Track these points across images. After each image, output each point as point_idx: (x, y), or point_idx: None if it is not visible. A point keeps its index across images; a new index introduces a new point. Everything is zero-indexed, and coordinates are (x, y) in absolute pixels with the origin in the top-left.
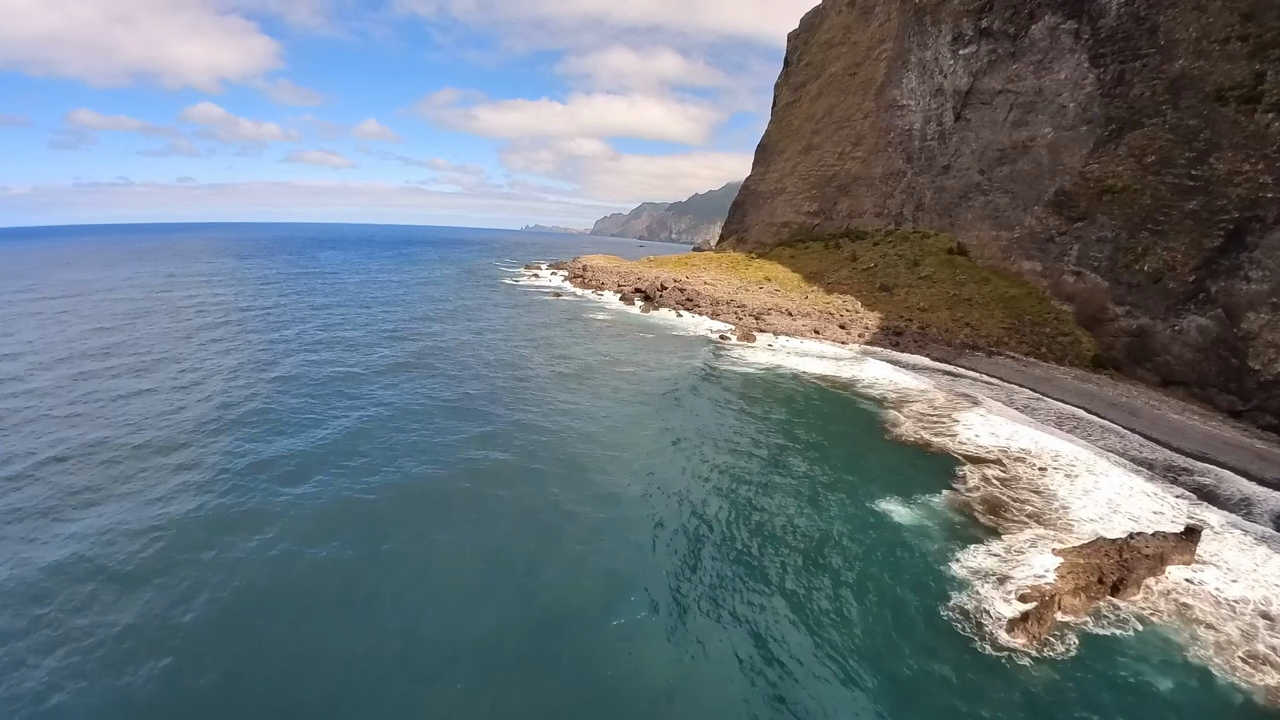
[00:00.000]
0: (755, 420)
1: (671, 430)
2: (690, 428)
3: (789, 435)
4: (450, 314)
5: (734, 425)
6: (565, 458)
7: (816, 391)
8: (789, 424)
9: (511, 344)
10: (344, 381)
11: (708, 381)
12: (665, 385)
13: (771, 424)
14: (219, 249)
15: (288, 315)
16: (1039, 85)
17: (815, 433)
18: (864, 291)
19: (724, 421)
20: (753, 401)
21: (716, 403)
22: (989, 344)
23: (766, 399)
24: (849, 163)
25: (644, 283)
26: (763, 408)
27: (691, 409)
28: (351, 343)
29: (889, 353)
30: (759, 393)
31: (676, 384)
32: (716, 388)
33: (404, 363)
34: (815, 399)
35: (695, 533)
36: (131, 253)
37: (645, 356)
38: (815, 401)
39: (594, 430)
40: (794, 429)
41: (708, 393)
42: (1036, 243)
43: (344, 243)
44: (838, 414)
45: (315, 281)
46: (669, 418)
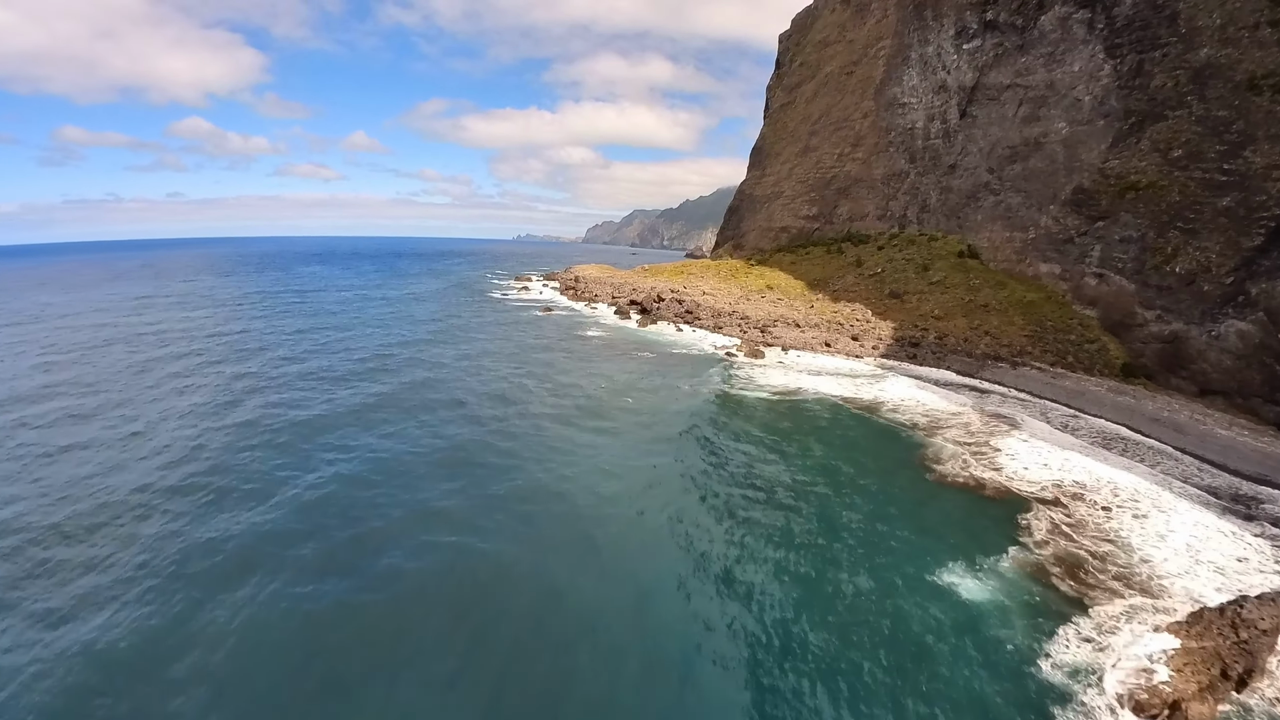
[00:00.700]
0: (782, 461)
1: (692, 480)
2: (712, 476)
3: (824, 479)
4: (433, 337)
5: (760, 470)
6: (573, 535)
7: (842, 419)
8: (821, 464)
9: (499, 373)
10: (307, 430)
11: (721, 411)
12: (675, 420)
13: (801, 465)
14: (202, 266)
15: (257, 342)
16: (1050, 79)
17: (851, 473)
18: (873, 299)
19: (747, 466)
20: (776, 436)
21: (736, 439)
22: (1012, 354)
23: (790, 432)
24: (848, 164)
25: (640, 294)
26: (788, 443)
27: (709, 450)
28: (321, 376)
29: (908, 366)
30: (781, 424)
31: (687, 418)
32: (732, 419)
33: (377, 402)
34: (843, 428)
35: (736, 627)
36: (112, 272)
37: (648, 383)
38: (844, 432)
39: (603, 489)
40: (827, 470)
41: (723, 427)
42: (1054, 244)
43: (332, 257)
44: (871, 446)
45: (293, 301)
46: (685, 462)
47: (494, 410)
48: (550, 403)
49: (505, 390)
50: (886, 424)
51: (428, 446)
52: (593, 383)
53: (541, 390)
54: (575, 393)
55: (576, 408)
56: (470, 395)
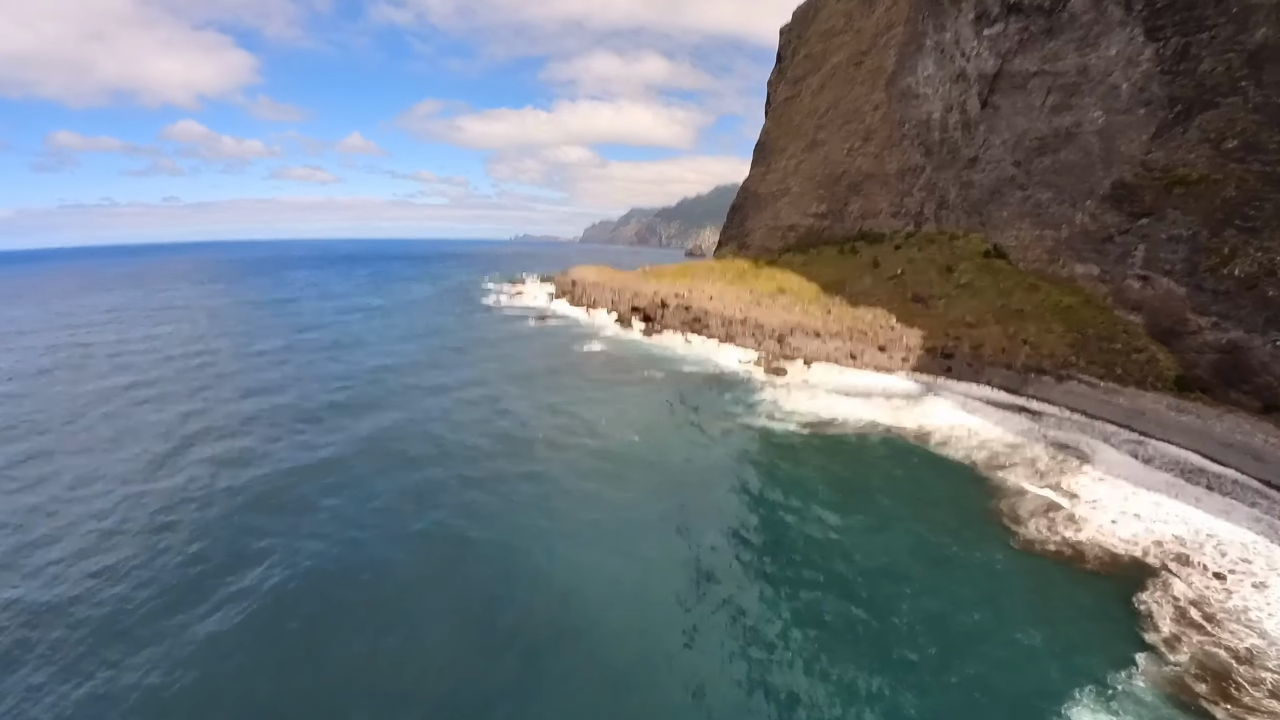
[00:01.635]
0: (831, 525)
1: (725, 557)
2: (751, 556)
3: (886, 549)
4: (414, 360)
5: (807, 541)
6: (589, 654)
7: (890, 457)
8: (879, 526)
9: (484, 408)
10: (249, 503)
11: (749, 453)
12: (695, 468)
13: (856, 529)
14: (189, 273)
15: (215, 369)
16: (1083, 64)
17: (919, 539)
18: (895, 304)
19: (790, 535)
20: (818, 486)
21: (771, 493)
22: (1055, 365)
23: (834, 480)
24: (859, 159)
25: (642, 299)
26: (834, 495)
27: (741, 514)
28: (278, 418)
29: (945, 383)
30: (821, 468)
31: (709, 463)
32: (763, 464)
33: (336, 459)
34: (894, 471)
35: None
36: (95, 281)
37: (659, 415)
38: (896, 476)
39: (620, 585)
40: (888, 535)
41: (754, 476)
42: (1091, 243)
43: (324, 261)
44: (933, 496)
45: (270, 314)
46: (713, 535)
47: (476, 471)
48: (542, 455)
49: (488, 437)
50: (941, 461)
51: (399, 525)
52: (595, 416)
53: (533, 436)
54: (575, 435)
55: (573, 464)
56: (448, 450)
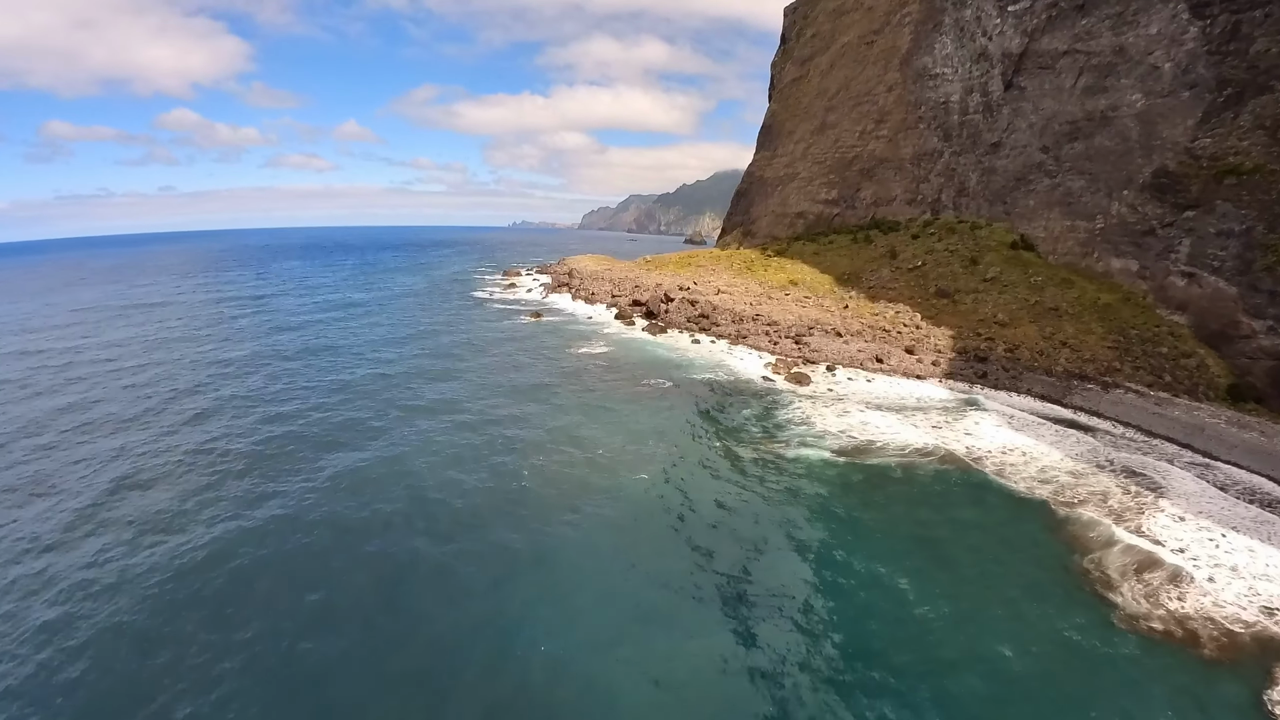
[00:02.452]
0: (898, 593)
1: (787, 661)
2: (813, 641)
3: (960, 630)
4: (391, 371)
5: (877, 618)
6: None
7: (943, 492)
8: (948, 595)
9: (467, 440)
10: (168, 581)
11: (777, 491)
12: (722, 519)
13: (920, 602)
14: (175, 265)
15: (170, 386)
16: (1119, 43)
17: (1004, 617)
18: (918, 299)
19: (854, 610)
20: (863, 536)
21: (817, 543)
22: (1098, 371)
23: (882, 528)
24: (872, 142)
25: (644, 292)
26: (891, 549)
27: (791, 584)
28: (219, 462)
29: (983, 392)
30: (863, 508)
31: (737, 512)
32: (796, 506)
33: (277, 525)
34: (951, 512)
35: None
36: (78, 274)
37: (671, 442)
38: (957, 523)
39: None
40: (968, 613)
41: (795, 525)
42: (1130, 235)
43: (317, 250)
44: (1005, 551)
45: (245, 312)
46: (767, 618)
47: (453, 547)
48: (541, 510)
49: (473, 489)
50: (1004, 497)
51: (335, 663)
52: (598, 446)
53: (527, 474)
54: (576, 475)
55: (580, 513)
56: (420, 508)
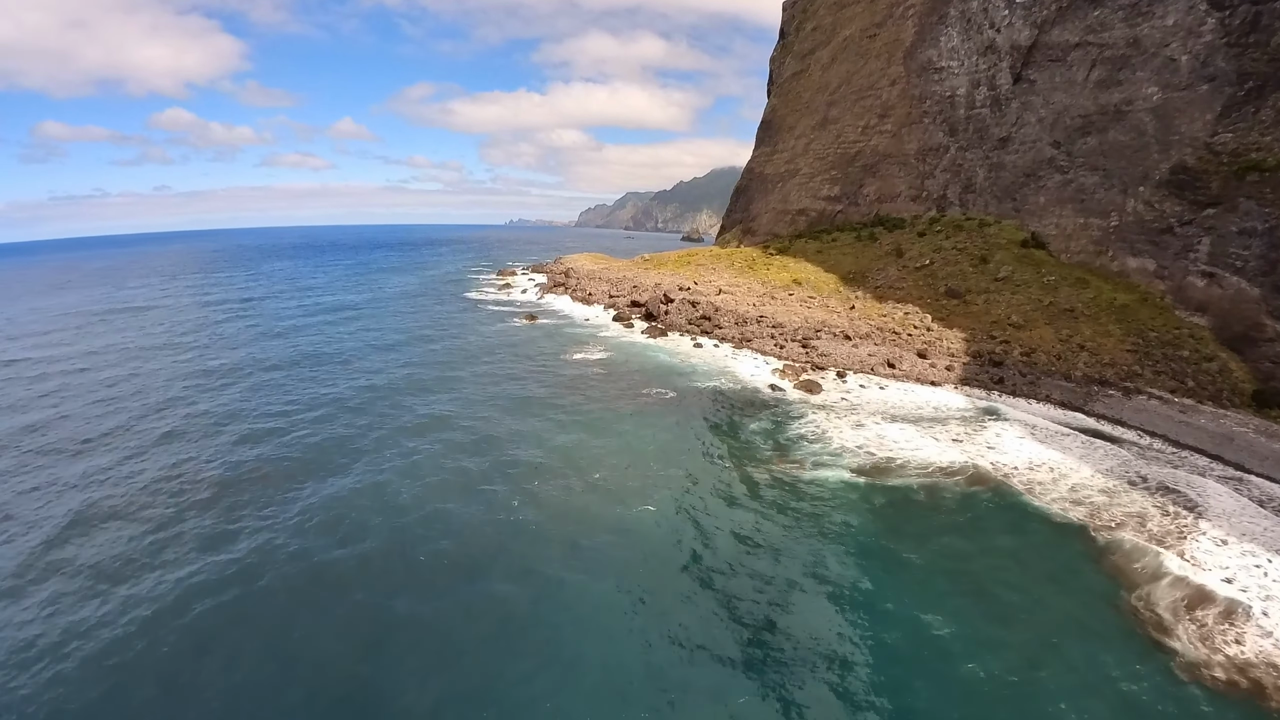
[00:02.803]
0: (943, 643)
1: None
2: (854, 708)
3: (1027, 695)
4: (376, 383)
5: (899, 680)
6: None
7: (974, 517)
8: (1002, 646)
9: (453, 465)
10: (100, 679)
11: (800, 520)
12: (738, 558)
13: (967, 655)
14: (166, 267)
15: (141, 401)
16: (1134, 35)
17: (1057, 669)
18: (927, 299)
19: (898, 664)
20: (904, 573)
21: (847, 582)
22: (1119, 376)
23: (922, 562)
24: (875, 138)
25: (642, 292)
26: (927, 586)
27: (826, 636)
28: (184, 496)
29: (1000, 400)
30: (894, 537)
31: (756, 549)
32: (823, 537)
33: (240, 574)
34: (983, 540)
35: None
36: (66, 277)
37: (677, 463)
38: (991, 551)
39: None
40: (1019, 665)
41: (820, 561)
42: (1147, 234)
43: (310, 250)
44: (1046, 587)
45: (231, 316)
46: (803, 679)
47: (443, 602)
48: (536, 548)
49: (460, 526)
50: (1037, 520)
51: None
52: (598, 469)
53: (521, 505)
54: (575, 505)
55: (581, 555)
56: (400, 553)
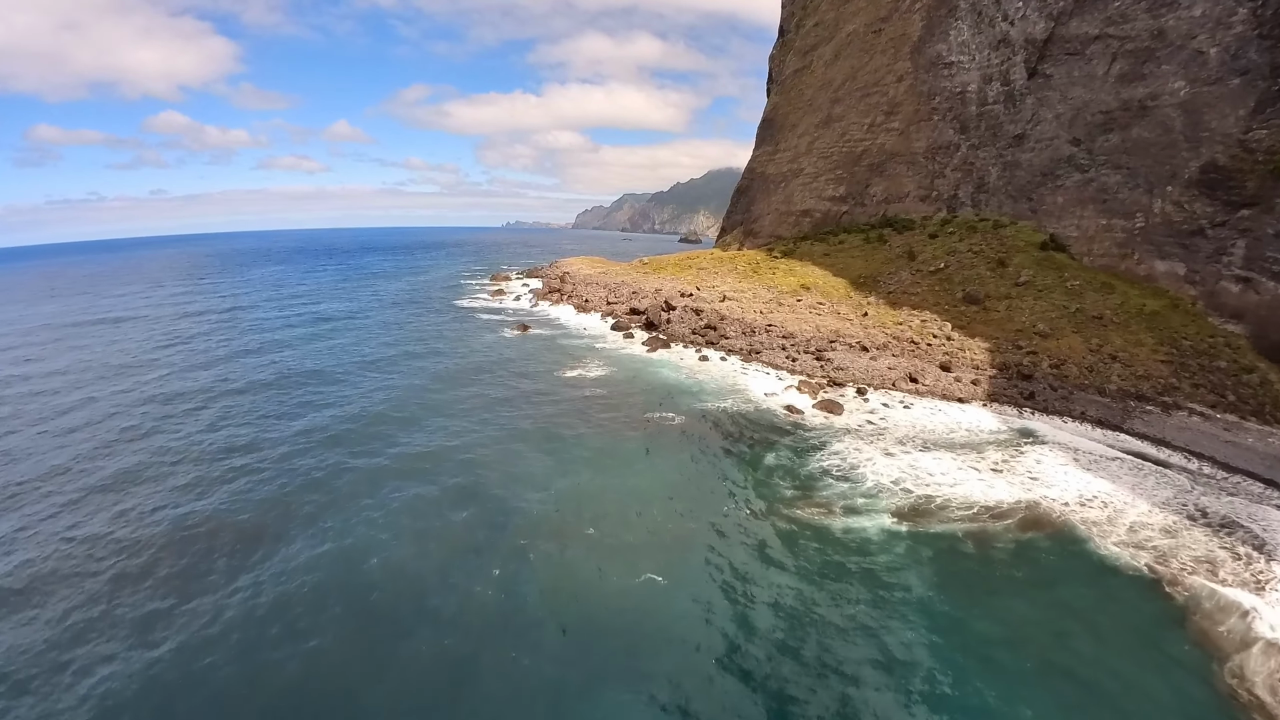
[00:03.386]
0: None
1: None
2: None
3: None
4: (350, 413)
5: None
6: None
7: (1032, 570)
8: None
9: (434, 516)
10: None
11: (841, 588)
12: (767, 650)
13: None
14: (155, 273)
15: (85, 439)
16: (1158, 27)
17: None
18: (944, 305)
19: None
20: (971, 650)
21: (906, 671)
22: (1155, 390)
23: (988, 632)
24: (881, 136)
25: (642, 298)
26: (987, 664)
27: None
28: (117, 564)
29: (1034, 420)
30: (949, 601)
31: (787, 632)
32: (868, 608)
33: (177, 683)
34: (1047, 598)
35: None
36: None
37: (687, 512)
38: (1058, 608)
39: None
40: None
41: (852, 635)
42: (1176, 236)
43: (303, 254)
44: (1124, 663)
45: (210, 328)
46: None
47: (406, 695)
48: (519, 644)
49: (441, 606)
50: (1099, 569)
51: None
52: (596, 523)
53: (510, 576)
54: (560, 567)
55: (579, 645)
56: (370, 649)
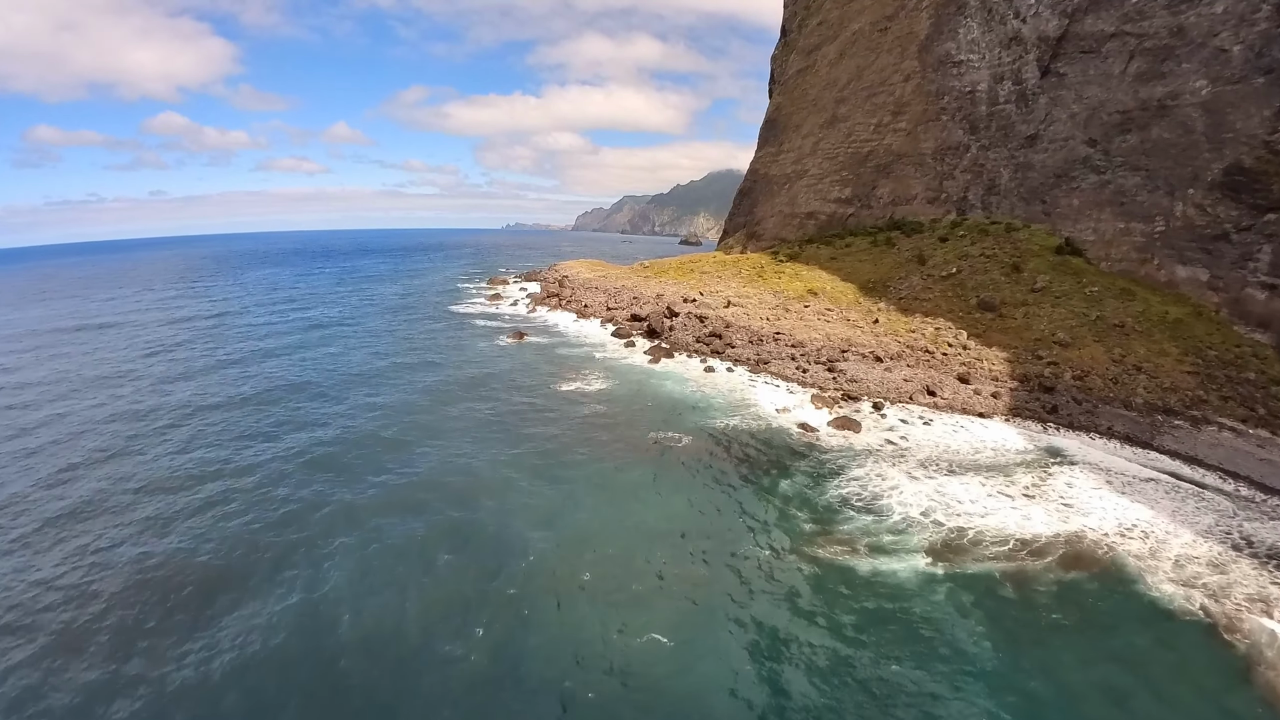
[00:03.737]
0: None
1: None
2: None
3: None
4: (327, 436)
5: None
6: None
7: (1081, 615)
8: None
9: (404, 572)
10: None
11: (858, 639)
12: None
13: None
14: (148, 276)
15: (43, 464)
16: (1177, 24)
17: None
18: (958, 312)
19: None
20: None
21: None
22: (1183, 404)
23: (1034, 700)
24: (888, 136)
25: (643, 304)
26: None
27: None
28: (53, 624)
29: (1063, 436)
30: (993, 662)
31: (812, 695)
32: (892, 663)
33: None
34: (1095, 655)
35: None
36: (43, 286)
37: (694, 555)
38: (1117, 658)
39: None
40: None
41: (895, 708)
42: (1198, 240)
43: (300, 256)
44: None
45: (193, 337)
46: None
47: None
48: None
49: (414, 674)
50: (1152, 615)
51: None
52: (588, 557)
53: (498, 650)
54: (556, 618)
55: (563, 696)
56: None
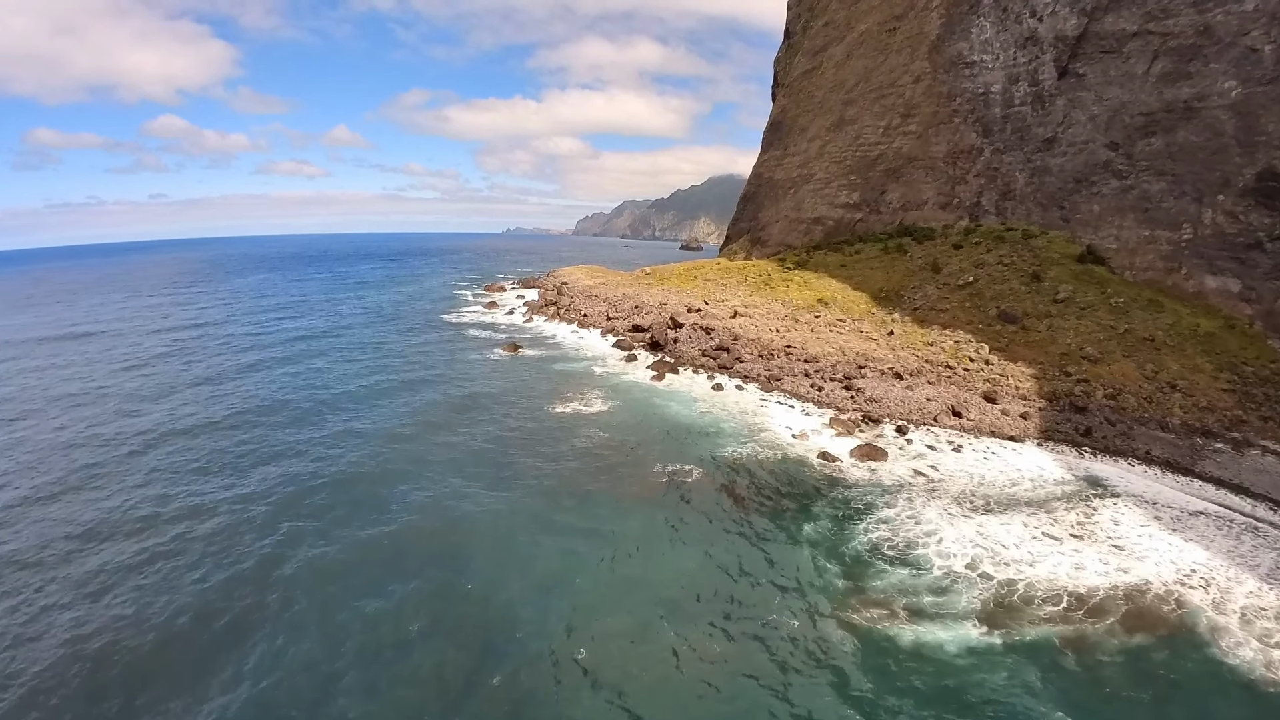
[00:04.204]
0: None
1: None
2: None
3: None
4: (300, 470)
5: None
6: None
7: (1150, 697)
8: None
9: (386, 634)
10: None
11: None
12: None
13: None
14: (139, 280)
15: None
16: (1204, 23)
17: None
18: (978, 324)
19: None
20: None
21: None
22: (1222, 425)
23: None
24: (898, 139)
25: (645, 314)
26: None
27: None
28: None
29: (1100, 461)
30: None
31: None
32: None
33: None
34: None
35: None
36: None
37: (709, 623)
38: None
39: None
40: None
41: None
42: (1229, 249)
43: (296, 261)
44: None
45: (172, 349)
46: None
47: None
48: None
49: None
50: (1232, 687)
51: None
52: (582, 625)
53: None
54: (549, 706)
55: None
56: None
